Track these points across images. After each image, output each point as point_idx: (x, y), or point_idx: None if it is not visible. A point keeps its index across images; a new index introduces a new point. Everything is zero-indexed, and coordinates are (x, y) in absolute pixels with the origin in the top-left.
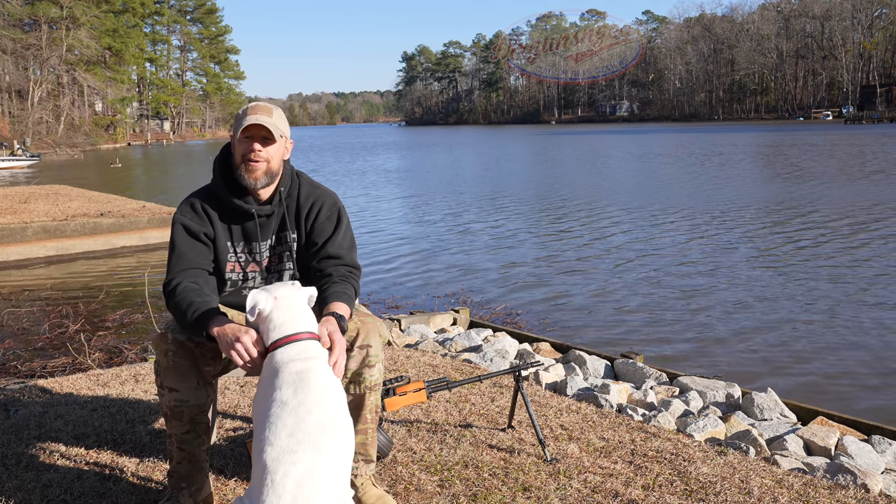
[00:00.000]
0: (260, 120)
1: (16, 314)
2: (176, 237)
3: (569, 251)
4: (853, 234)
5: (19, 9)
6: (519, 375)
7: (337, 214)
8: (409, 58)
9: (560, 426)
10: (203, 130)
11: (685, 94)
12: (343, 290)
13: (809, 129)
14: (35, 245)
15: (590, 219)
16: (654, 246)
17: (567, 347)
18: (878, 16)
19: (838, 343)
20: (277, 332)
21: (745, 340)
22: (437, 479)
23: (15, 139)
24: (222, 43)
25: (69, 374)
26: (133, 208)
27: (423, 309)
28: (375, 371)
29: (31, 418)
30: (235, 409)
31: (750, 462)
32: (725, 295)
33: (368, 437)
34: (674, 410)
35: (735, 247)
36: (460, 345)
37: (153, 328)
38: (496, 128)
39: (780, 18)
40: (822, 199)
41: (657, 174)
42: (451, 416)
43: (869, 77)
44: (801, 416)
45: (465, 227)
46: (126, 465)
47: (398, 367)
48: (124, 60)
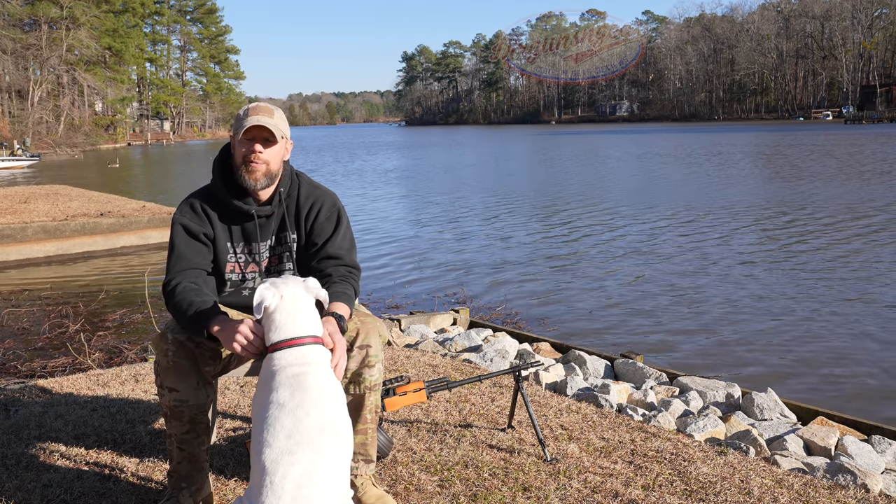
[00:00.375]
0: (261, 121)
1: (16, 314)
2: (175, 237)
3: (569, 251)
4: (853, 233)
5: (19, 9)
6: (519, 375)
7: (337, 215)
8: (409, 58)
9: (560, 426)
10: (203, 130)
11: (685, 94)
12: (343, 291)
13: (809, 129)
14: (35, 245)
15: (590, 219)
16: (654, 246)
17: (567, 347)
18: (878, 16)
19: (838, 343)
20: (278, 334)
21: (746, 340)
22: (437, 479)
23: (15, 139)
24: (222, 43)
25: (69, 374)
26: (133, 208)
27: (423, 309)
28: (375, 371)
29: (31, 418)
30: (235, 409)
31: (750, 462)
32: (726, 295)
33: (368, 437)
34: (674, 410)
35: (735, 247)
36: (460, 345)
37: (153, 328)
38: (496, 128)
39: (780, 18)
40: (822, 198)
41: (657, 174)
42: (451, 416)
43: (869, 77)
44: (801, 416)
45: (465, 226)
46: (126, 465)
47: (398, 367)
48: (124, 60)
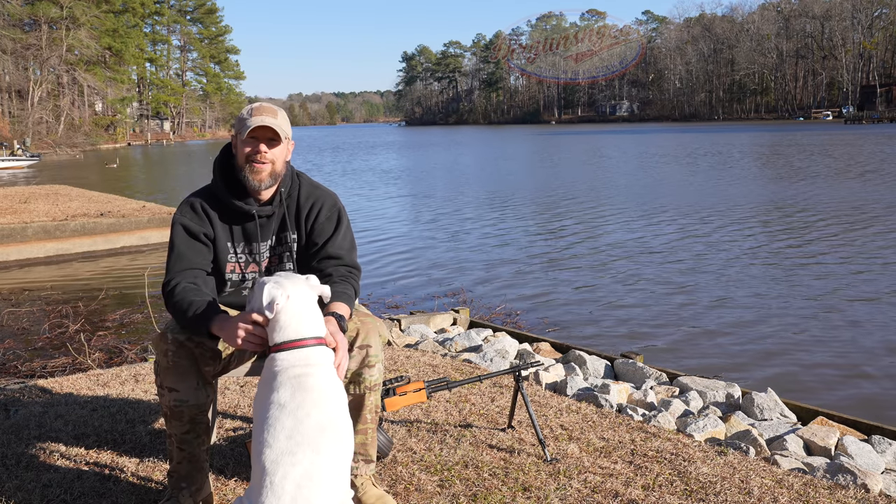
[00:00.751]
0: (266, 121)
1: (16, 314)
2: (175, 237)
3: (569, 251)
4: (853, 233)
5: (19, 9)
6: (519, 375)
7: (337, 215)
8: (409, 58)
9: (560, 426)
10: (203, 130)
11: (685, 94)
12: (343, 291)
13: (809, 129)
14: (35, 245)
15: (590, 219)
16: (654, 246)
17: (567, 347)
18: (878, 16)
19: (839, 343)
20: (282, 335)
21: (746, 340)
22: (437, 479)
23: (15, 139)
24: (222, 43)
25: (69, 374)
26: (133, 208)
27: (423, 309)
28: (375, 371)
29: (31, 418)
30: (235, 409)
31: (750, 462)
32: (726, 295)
33: (368, 437)
34: (674, 410)
35: (736, 247)
36: (460, 345)
37: (153, 328)
38: (496, 128)
39: (780, 18)
40: (822, 199)
41: (657, 174)
42: (451, 416)
43: (869, 77)
44: (801, 416)
45: (465, 227)
46: (126, 465)
47: (398, 367)
48: (124, 60)
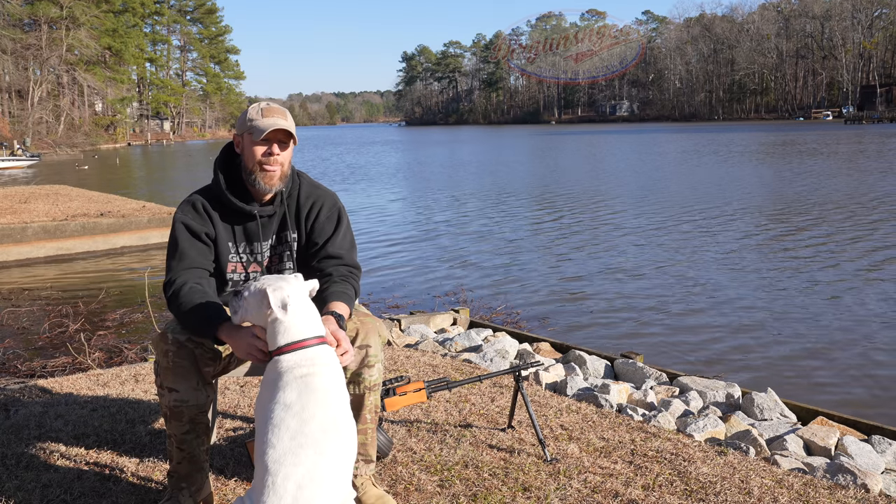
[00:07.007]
0: (279, 124)
1: (16, 314)
2: (178, 236)
3: (569, 251)
4: (853, 233)
5: (19, 9)
6: (519, 375)
7: (337, 214)
8: (409, 58)
9: (560, 426)
10: (203, 130)
11: (685, 94)
12: (343, 290)
13: (809, 129)
14: (35, 245)
15: (589, 219)
16: (654, 246)
17: (567, 347)
18: (878, 16)
19: (839, 343)
20: (286, 337)
21: (746, 340)
22: (437, 479)
23: (15, 139)
24: (222, 43)
25: (69, 373)
26: (133, 208)
27: (423, 309)
28: (375, 371)
29: (31, 418)
30: (235, 409)
31: (750, 462)
32: (726, 294)
33: (368, 437)
34: (674, 410)
35: (735, 246)
36: (460, 345)
37: (153, 328)
38: (496, 128)
39: (780, 18)
40: (822, 199)
41: (657, 174)
42: (451, 416)
43: (869, 77)
44: (801, 416)
45: (465, 226)
46: (126, 465)
47: (398, 367)
48: (124, 60)
